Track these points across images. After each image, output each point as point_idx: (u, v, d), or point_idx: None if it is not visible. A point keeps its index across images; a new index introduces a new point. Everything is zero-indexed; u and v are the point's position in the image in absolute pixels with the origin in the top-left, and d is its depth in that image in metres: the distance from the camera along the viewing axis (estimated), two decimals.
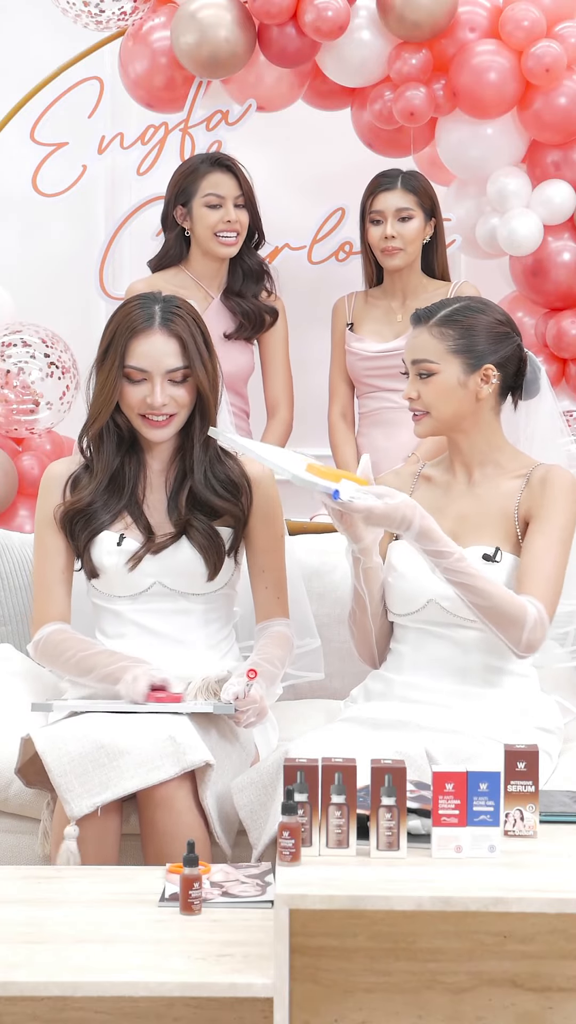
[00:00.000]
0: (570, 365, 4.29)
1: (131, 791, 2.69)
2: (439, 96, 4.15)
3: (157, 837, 2.72)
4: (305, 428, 4.25)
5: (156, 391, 2.96)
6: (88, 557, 3.02)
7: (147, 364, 2.97)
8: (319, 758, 2.33)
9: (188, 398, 2.99)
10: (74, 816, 2.67)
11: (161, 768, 2.69)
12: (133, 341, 2.98)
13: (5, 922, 2.30)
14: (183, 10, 4.14)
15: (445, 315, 2.97)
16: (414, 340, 2.99)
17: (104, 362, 3.01)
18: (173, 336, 2.98)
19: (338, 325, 4.20)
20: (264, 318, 4.13)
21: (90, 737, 2.70)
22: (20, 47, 4.78)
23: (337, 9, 4.04)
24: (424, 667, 2.95)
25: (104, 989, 2.13)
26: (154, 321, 2.98)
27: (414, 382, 2.98)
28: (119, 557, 3.00)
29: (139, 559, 2.99)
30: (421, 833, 2.34)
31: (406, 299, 4.12)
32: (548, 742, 2.92)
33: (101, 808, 2.68)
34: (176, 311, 3.00)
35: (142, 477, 3.06)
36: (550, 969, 2.30)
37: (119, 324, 3.00)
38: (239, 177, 4.05)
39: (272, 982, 2.12)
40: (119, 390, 2.99)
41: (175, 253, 4.15)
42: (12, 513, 4.34)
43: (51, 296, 4.71)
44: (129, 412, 3.01)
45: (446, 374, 2.95)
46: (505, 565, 2.92)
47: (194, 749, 2.71)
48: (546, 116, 4.13)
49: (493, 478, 3.01)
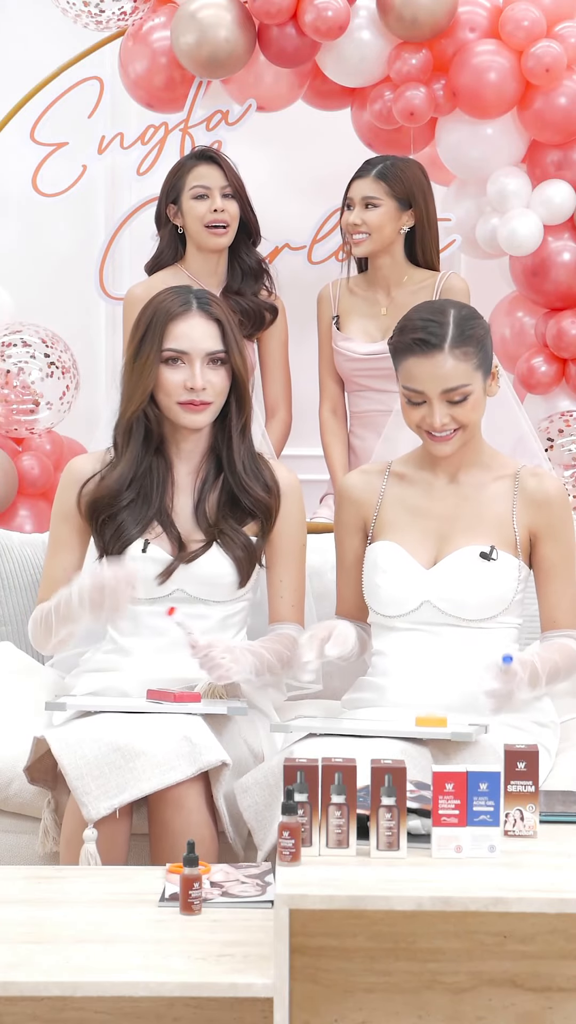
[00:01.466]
0: (570, 365, 4.29)
1: (148, 792, 2.69)
2: (439, 96, 4.15)
3: (167, 836, 2.72)
4: (306, 428, 4.25)
5: (197, 373, 2.94)
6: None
7: (187, 345, 2.96)
8: (319, 758, 2.32)
9: (223, 385, 2.98)
10: (91, 819, 2.66)
11: (177, 768, 2.69)
12: (172, 324, 2.97)
13: (5, 922, 2.30)
14: (183, 10, 4.14)
15: (457, 335, 2.85)
16: (439, 370, 2.84)
17: (140, 351, 2.97)
18: (212, 319, 2.99)
19: (324, 317, 4.14)
20: (264, 315, 4.13)
21: (106, 739, 2.69)
22: (20, 47, 4.78)
23: (337, 9, 4.04)
24: (415, 668, 2.93)
25: (104, 989, 2.13)
26: (191, 305, 2.99)
27: (443, 408, 2.86)
28: (147, 566, 2.95)
29: (170, 572, 2.96)
30: (421, 833, 2.34)
31: (390, 289, 4.09)
32: (545, 737, 2.93)
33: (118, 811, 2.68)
34: (211, 298, 3.02)
35: (170, 482, 3.03)
36: (550, 969, 2.30)
37: (155, 311, 2.99)
38: (224, 168, 4.04)
39: (272, 982, 2.12)
40: (155, 376, 2.96)
41: (170, 253, 4.14)
42: (12, 513, 4.34)
43: (51, 296, 4.71)
44: (167, 400, 2.97)
45: (477, 391, 2.89)
46: (501, 564, 2.92)
47: (210, 749, 2.71)
48: (546, 116, 4.13)
49: (478, 478, 2.99)
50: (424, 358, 2.85)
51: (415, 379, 2.86)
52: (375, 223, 3.99)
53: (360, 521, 3.04)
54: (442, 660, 2.91)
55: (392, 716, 2.84)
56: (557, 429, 4.21)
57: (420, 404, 2.88)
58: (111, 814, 2.68)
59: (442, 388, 2.85)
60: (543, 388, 4.31)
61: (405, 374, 2.89)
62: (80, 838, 2.68)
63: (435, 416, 2.85)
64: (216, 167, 4.03)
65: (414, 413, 2.89)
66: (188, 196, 4.04)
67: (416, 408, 2.89)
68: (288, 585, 3.05)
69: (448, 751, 2.74)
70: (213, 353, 2.97)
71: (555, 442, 4.19)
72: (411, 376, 2.87)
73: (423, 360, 2.85)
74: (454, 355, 2.85)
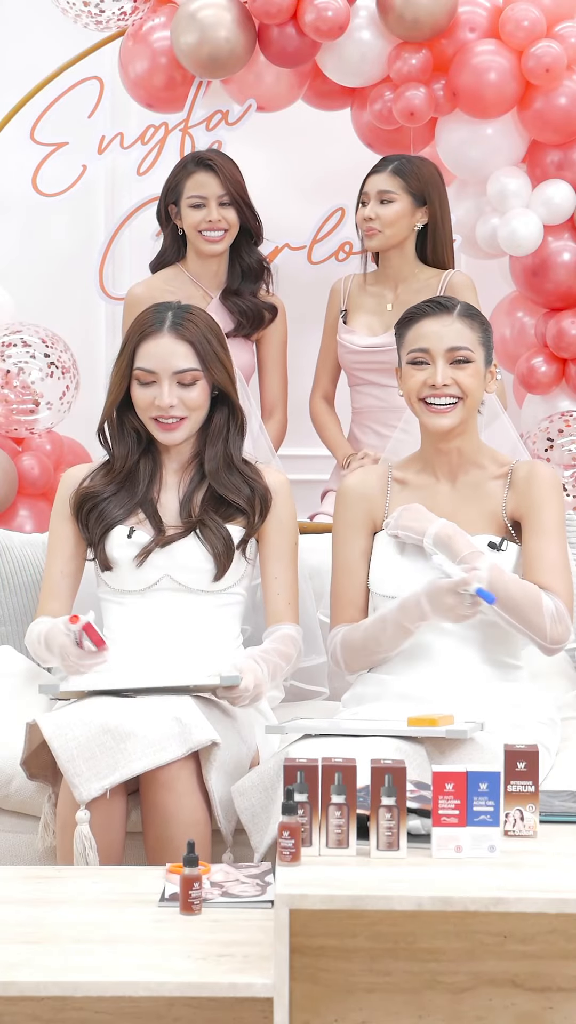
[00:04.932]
0: (570, 365, 4.28)
1: (139, 772, 2.70)
2: (439, 96, 4.15)
3: (159, 818, 2.73)
4: (305, 428, 4.25)
5: (164, 391, 3.01)
6: (101, 549, 3.06)
7: (154, 364, 3.03)
8: (319, 758, 2.33)
9: (199, 401, 3.05)
10: (83, 800, 2.68)
11: (168, 749, 2.71)
12: (142, 344, 3.05)
13: (5, 922, 2.30)
14: (183, 10, 4.14)
15: (466, 307, 3.02)
16: (446, 328, 2.98)
17: (118, 361, 3.10)
18: (182, 339, 3.04)
19: (332, 310, 4.17)
20: (263, 315, 4.13)
21: (96, 721, 2.71)
22: (20, 47, 4.78)
23: (337, 9, 4.04)
24: (417, 662, 2.95)
25: (104, 989, 2.13)
26: (164, 325, 3.05)
27: (446, 369, 2.96)
28: (129, 550, 3.05)
29: (147, 552, 3.03)
30: (421, 833, 2.34)
31: (398, 285, 4.10)
32: (546, 735, 2.93)
33: (109, 791, 2.69)
34: (188, 316, 3.06)
35: (157, 477, 3.12)
36: (550, 969, 2.30)
37: (131, 330, 3.09)
38: (221, 175, 4.03)
39: (272, 982, 2.12)
40: (124, 389, 3.06)
41: (172, 252, 4.16)
42: (12, 513, 4.34)
43: (51, 296, 4.71)
44: (142, 415, 3.07)
45: (478, 364, 2.99)
46: (511, 554, 2.98)
47: (200, 728, 2.73)
48: (546, 116, 4.13)
49: (476, 479, 3.05)
50: (433, 319, 2.99)
51: (422, 337, 2.98)
52: (388, 218, 4.00)
53: (368, 518, 3.07)
54: (440, 652, 2.95)
55: (389, 714, 2.85)
56: (557, 429, 4.20)
57: (424, 367, 2.98)
58: (103, 795, 2.69)
59: (448, 346, 2.97)
60: (543, 388, 4.31)
61: (413, 338, 3.00)
62: (74, 821, 2.68)
63: (438, 374, 2.95)
64: (214, 175, 4.02)
65: (418, 375, 2.98)
66: (186, 203, 4.05)
67: (420, 371, 2.99)
68: (284, 583, 3.08)
69: (443, 748, 2.74)
70: (182, 372, 3.03)
71: (555, 442, 4.19)
72: (419, 336, 2.99)
73: (432, 321, 2.99)
74: (461, 320, 3.00)
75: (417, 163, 4.05)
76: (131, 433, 3.11)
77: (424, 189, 4.02)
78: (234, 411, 3.10)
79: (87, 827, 2.68)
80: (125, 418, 3.11)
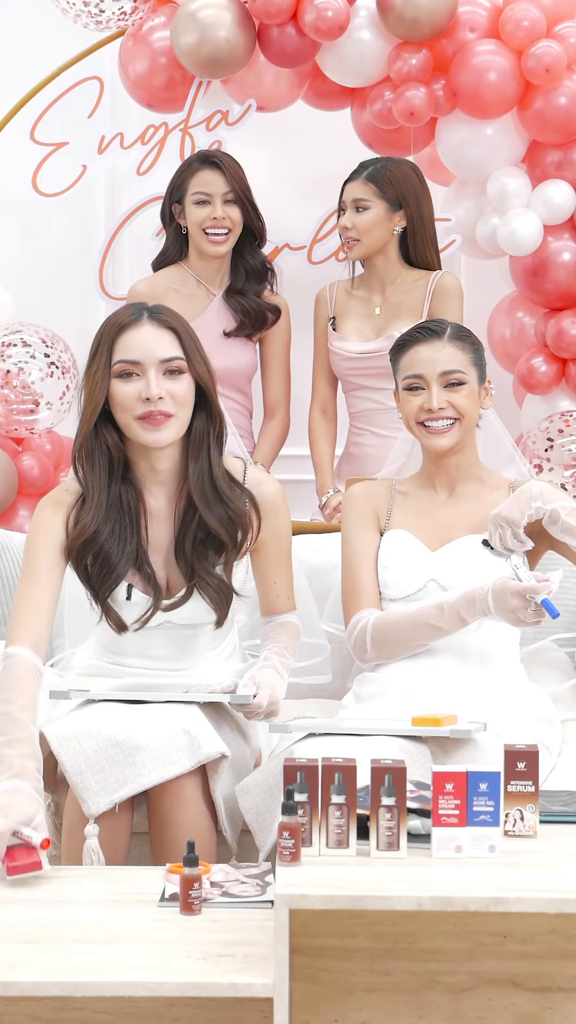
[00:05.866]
0: (570, 365, 4.29)
1: (148, 786, 2.68)
2: (439, 96, 4.15)
3: (167, 828, 2.72)
4: (304, 428, 4.24)
5: (151, 382, 2.77)
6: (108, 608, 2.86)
7: (138, 355, 2.79)
8: (319, 758, 2.33)
9: (186, 395, 2.81)
10: (92, 814, 2.66)
11: (177, 762, 2.69)
12: (121, 336, 2.80)
13: (5, 922, 2.30)
14: (183, 10, 4.14)
15: (455, 331, 3.08)
16: (438, 354, 3.05)
17: (90, 366, 2.82)
18: (165, 327, 2.82)
19: (320, 318, 4.16)
20: (266, 316, 4.13)
21: (104, 734, 2.69)
22: (20, 47, 4.78)
23: (337, 9, 4.04)
24: (418, 661, 2.97)
25: (104, 989, 2.13)
26: (143, 316, 2.83)
27: (440, 393, 3.03)
28: (129, 612, 2.87)
29: (146, 621, 2.86)
30: (421, 833, 2.34)
31: (385, 288, 4.10)
32: (547, 734, 2.93)
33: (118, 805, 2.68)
34: (165, 310, 2.86)
35: (142, 512, 2.88)
36: (550, 969, 2.30)
37: (105, 327, 2.84)
38: (227, 174, 4.04)
39: (272, 982, 2.12)
40: (104, 391, 2.80)
41: (175, 250, 4.16)
42: (12, 513, 4.34)
43: (51, 296, 4.71)
44: (125, 417, 2.80)
45: (471, 384, 3.07)
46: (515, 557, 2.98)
47: (209, 741, 2.71)
48: (546, 116, 4.14)
49: (475, 490, 3.13)
50: (425, 344, 3.06)
51: (416, 364, 3.06)
52: (364, 227, 4.01)
53: (374, 516, 3.14)
54: (447, 648, 2.98)
55: (392, 712, 2.86)
56: (557, 429, 4.20)
57: (419, 392, 3.05)
58: (111, 809, 2.68)
59: (441, 370, 3.04)
60: (543, 388, 4.31)
61: (407, 364, 3.08)
62: (81, 834, 2.67)
63: (433, 399, 3.03)
64: (219, 173, 4.04)
65: (414, 401, 3.06)
66: (190, 200, 4.06)
67: (416, 396, 3.06)
68: (283, 585, 3.05)
69: (447, 748, 2.75)
70: (169, 360, 2.79)
71: (555, 442, 4.19)
72: (412, 363, 3.07)
73: (423, 347, 3.06)
74: (452, 344, 3.07)
75: (391, 167, 4.02)
76: (104, 453, 2.83)
77: (399, 193, 4.00)
78: (212, 415, 2.85)
79: (95, 841, 2.66)
80: (100, 434, 2.83)
